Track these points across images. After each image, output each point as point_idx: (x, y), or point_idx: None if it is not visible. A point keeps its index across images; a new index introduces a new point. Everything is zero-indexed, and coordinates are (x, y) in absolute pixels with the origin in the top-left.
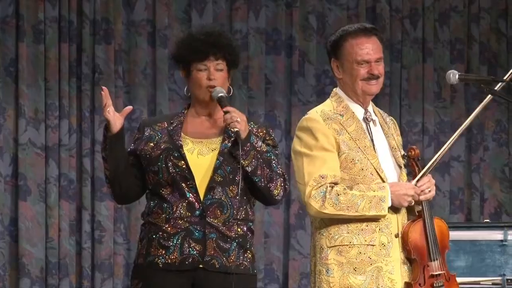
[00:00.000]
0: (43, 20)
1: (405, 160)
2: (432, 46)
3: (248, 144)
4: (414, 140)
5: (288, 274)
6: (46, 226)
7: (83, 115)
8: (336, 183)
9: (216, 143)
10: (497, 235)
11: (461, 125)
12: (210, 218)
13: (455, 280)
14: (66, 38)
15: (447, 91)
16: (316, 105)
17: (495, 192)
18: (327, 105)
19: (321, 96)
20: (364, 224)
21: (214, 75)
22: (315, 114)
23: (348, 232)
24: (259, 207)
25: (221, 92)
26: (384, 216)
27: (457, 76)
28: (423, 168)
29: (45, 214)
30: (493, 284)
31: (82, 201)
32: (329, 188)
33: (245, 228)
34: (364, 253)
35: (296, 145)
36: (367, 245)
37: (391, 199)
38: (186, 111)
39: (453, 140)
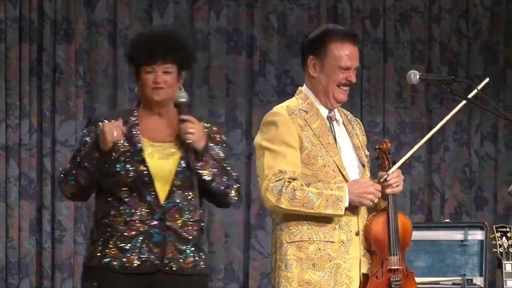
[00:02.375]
0: (4, 19)
1: (377, 152)
2: (393, 46)
3: (207, 154)
4: (374, 140)
5: (249, 274)
6: (6, 225)
7: (43, 115)
8: (295, 179)
9: (174, 147)
10: (457, 235)
11: (422, 125)
12: (170, 221)
13: (413, 278)
14: (26, 37)
15: (408, 91)
16: (278, 105)
17: (455, 192)
18: (292, 102)
19: (282, 96)
20: (324, 221)
21: (161, 79)
22: (281, 109)
23: (308, 228)
24: None
25: (183, 97)
26: (340, 215)
27: (417, 76)
28: (393, 162)
29: (5, 213)
30: (453, 284)
31: (42, 201)
32: (286, 183)
33: (198, 228)
34: (323, 250)
35: (259, 139)
36: (327, 241)
37: (351, 199)
38: (138, 109)
39: (427, 138)
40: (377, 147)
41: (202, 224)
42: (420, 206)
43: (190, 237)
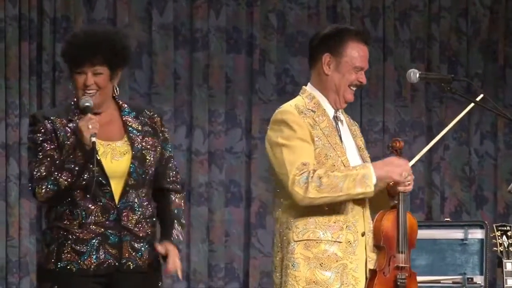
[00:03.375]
0: (4, 18)
1: (389, 151)
2: (392, 45)
3: None
4: (374, 139)
5: (249, 273)
6: (7, 224)
7: None
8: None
9: (124, 146)
10: (457, 234)
11: (421, 124)
12: (124, 221)
13: (415, 279)
14: (26, 36)
15: (408, 90)
16: (277, 104)
17: (455, 191)
18: (299, 100)
19: (282, 94)
20: (332, 220)
21: (90, 81)
22: (290, 107)
23: (316, 227)
24: (219, 206)
25: (87, 102)
26: (370, 194)
27: (417, 75)
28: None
29: (5, 212)
30: (453, 283)
31: None
32: (311, 173)
33: (150, 225)
34: (331, 249)
35: (273, 136)
36: (334, 241)
37: (379, 174)
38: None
39: (440, 136)
40: (390, 145)
41: (154, 219)
42: (420, 205)
43: (144, 235)
